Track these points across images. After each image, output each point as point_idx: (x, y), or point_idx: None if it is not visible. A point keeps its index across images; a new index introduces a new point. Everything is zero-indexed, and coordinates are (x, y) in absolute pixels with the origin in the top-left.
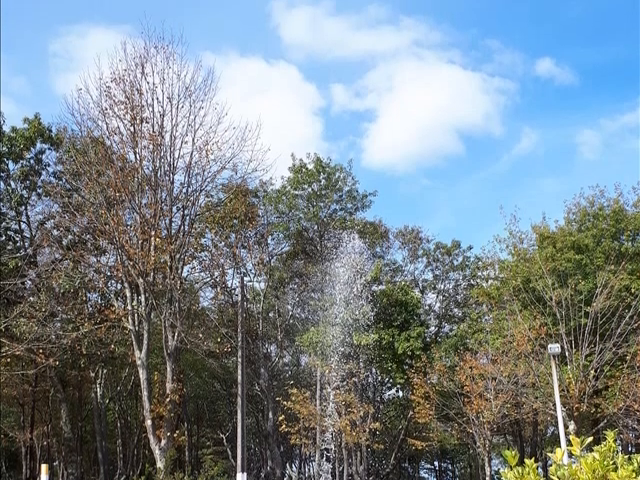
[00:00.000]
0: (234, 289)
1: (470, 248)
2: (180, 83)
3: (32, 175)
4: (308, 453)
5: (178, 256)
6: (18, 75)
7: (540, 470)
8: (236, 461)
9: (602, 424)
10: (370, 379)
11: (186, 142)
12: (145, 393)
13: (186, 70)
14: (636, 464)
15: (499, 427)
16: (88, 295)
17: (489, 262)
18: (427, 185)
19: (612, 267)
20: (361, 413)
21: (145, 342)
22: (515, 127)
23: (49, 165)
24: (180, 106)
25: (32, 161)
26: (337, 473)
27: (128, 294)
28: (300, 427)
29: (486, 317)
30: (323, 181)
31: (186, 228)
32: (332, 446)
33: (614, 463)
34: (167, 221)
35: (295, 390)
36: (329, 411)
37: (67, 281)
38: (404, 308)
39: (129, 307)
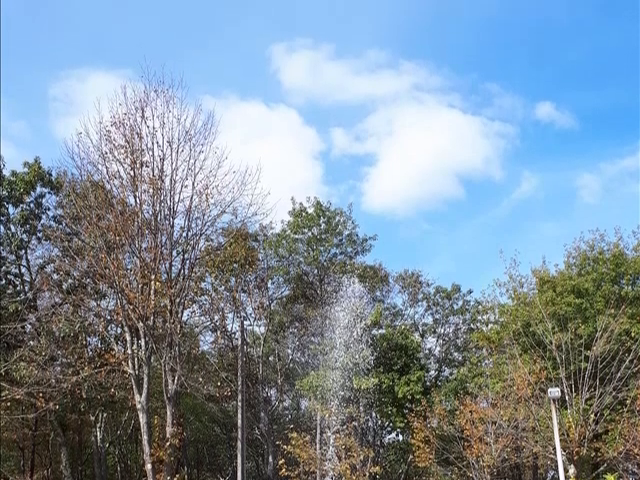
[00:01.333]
0: (234, 333)
1: (470, 292)
2: (180, 127)
3: (32, 219)
4: None
5: (178, 300)
6: (18, 119)
7: None
8: None
9: (602, 468)
10: (370, 423)
11: (186, 186)
12: (145, 437)
13: (186, 114)
14: None
15: (499, 471)
16: (88, 339)
17: (489, 306)
18: (427, 229)
19: (612, 311)
20: (361, 457)
21: (145, 386)
22: (515, 171)
23: (49, 209)
24: (180, 150)
25: (32, 205)
26: None
27: (128, 338)
28: (300, 471)
29: (486, 361)
30: (323, 225)
31: (186, 272)
32: None
33: None
34: (167, 265)
35: (295, 434)
36: (329, 455)
37: (67, 325)
38: (404, 352)
39: (129, 351)
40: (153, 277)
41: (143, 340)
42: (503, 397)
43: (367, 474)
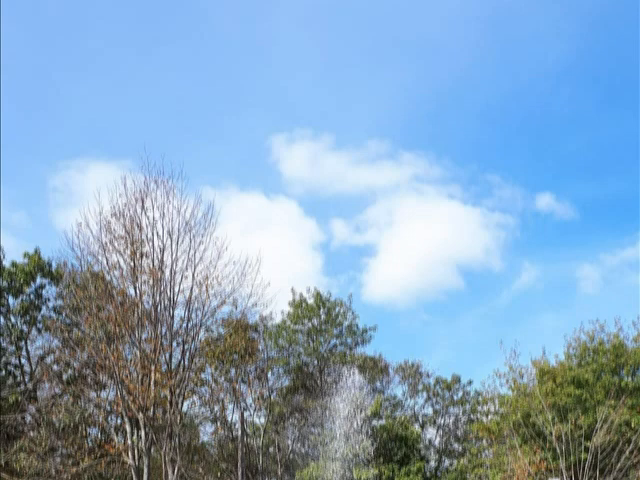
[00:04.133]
0: (234, 424)
1: (470, 383)
2: (180, 218)
3: (32, 310)
4: None
5: (178, 391)
6: (18, 209)
7: None
8: None
9: None
10: None
11: (186, 277)
12: None
13: (186, 204)
14: None
15: None
16: (88, 430)
17: (489, 397)
18: (427, 319)
19: (612, 402)
20: None
21: (145, 477)
22: (515, 262)
23: (49, 300)
24: (180, 241)
25: (32, 296)
26: None
27: (128, 429)
28: None
29: (486, 452)
30: (323, 316)
31: (186, 363)
32: None
33: None
34: (167, 356)
35: None
36: None
37: (67, 416)
38: (404, 443)
39: (129, 442)
40: (153, 368)
41: (143, 431)
42: None
43: None
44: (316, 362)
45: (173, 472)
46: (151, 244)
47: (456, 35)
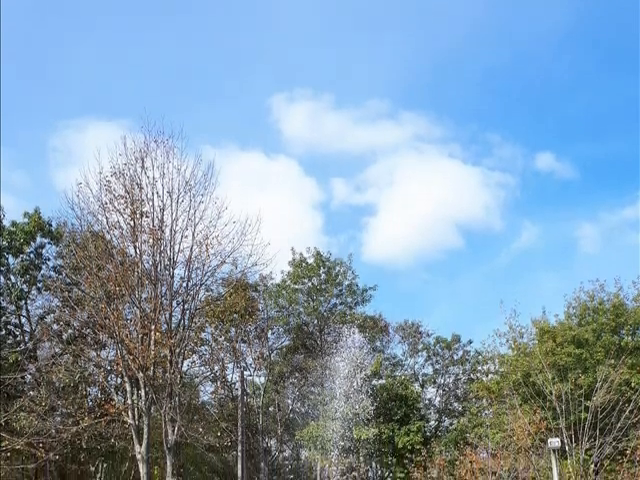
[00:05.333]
0: (234, 383)
1: (470, 342)
2: (180, 177)
3: (32, 269)
4: None
5: (178, 350)
6: (17, 169)
7: None
8: None
9: None
10: (370, 473)
11: (186, 236)
12: None
13: (186, 164)
14: None
15: None
16: (88, 389)
17: (489, 356)
18: (427, 279)
19: (612, 361)
20: None
21: (145, 436)
22: (515, 221)
23: (49, 259)
24: (180, 200)
25: (32, 255)
26: None
27: (128, 388)
28: None
29: (486, 411)
30: (323, 275)
31: (186, 322)
32: None
33: None
34: (167, 315)
35: None
36: None
37: (67, 375)
38: (404, 402)
39: (129, 401)
40: (153, 327)
41: (143, 390)
42: (503, 447)
43: None
44: (316, 321)
45: (173, 431)
46: (151, 203)
47: None
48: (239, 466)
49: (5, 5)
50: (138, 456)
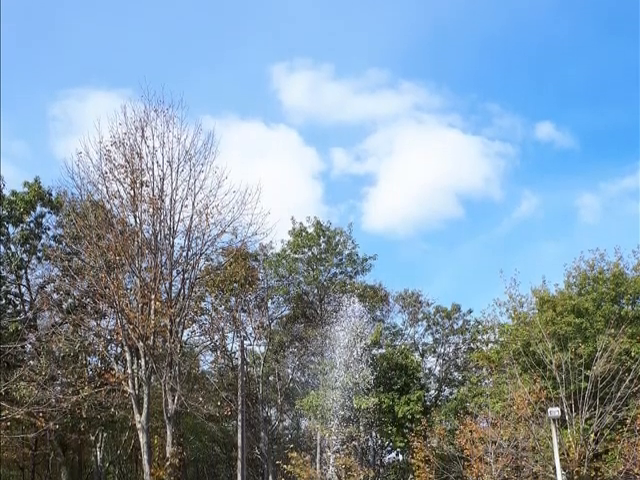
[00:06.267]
0: (234, 352)
1: (470, 312)
2: (180, 147)
3: (32, 239)
4: None
5: (178, 320)
6: (18, 139)
7: None
8: None
9: None
10: (370, 443)
11: (186, 206)
12: (145, 457)
13: (186, 134)
14: None
15: None
16: (88, 358)
17: (489, 326)
18: (427, 248)
19: (612, 331)
20: (361, 477)
21: (145, 405)
22: (515, 191)
23: (49, 229)
24: (180, 170)
25: (32, 225)
26: None
27: (128, 358)
28: None
29: (486, 381)
30: (323, 245)
31: (186, 291)
32: None
33: None
34: (167, 285)
35: (295, 454)
36: (329, 475)
37: (67, 345)
38: (404, 372)
39: (129, 370)
40: (153, 297)
41: (143, 360)
42: (503, 417)
43: None
44: (316, 291)
45: (173, 401)
46: (151, 173)
47: None
48: (239, 435)
49: None
50: (138, 425)
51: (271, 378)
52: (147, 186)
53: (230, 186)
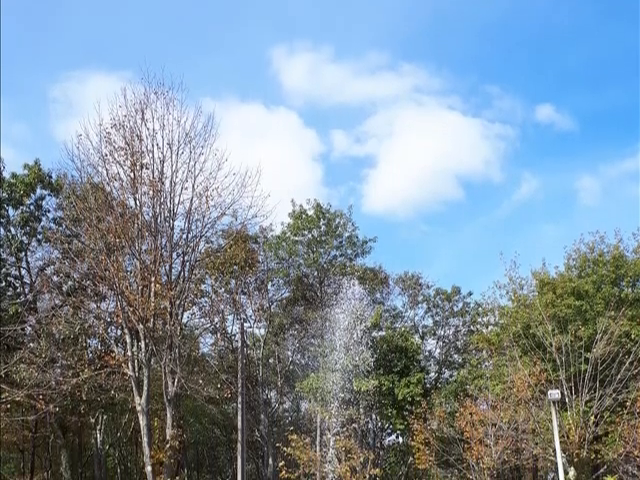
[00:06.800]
0: (234, 335)
1: (470, 294)
2: (180, 129)
3: (32, 221)
4: None
5: (178, 302)
6: (18, 121)
7: None
8: None
9: (602, 470)
10: (370, 425)
11: (186, 188)
12: (145, 439)
13: (186, 116)
14: None
15: (499, 473)
16: (88, 341)
17: (489, 308)
18: (427, 231)
19: (612, 313)
20: (361, 459)
21: (145, 388)
22: (515, 173)
23: (49, 211)
24: (180, 152)
25: (32, 207)
26: None
27: (128, 340)
28: (300, 473)
29: (486, 363)
30: (323, 227)
31: (186, 274)
32: None
33: None
34: (167, 267)
35: (295, 436)
36: (329, 457)
37: (67, 327)
38: (404, 354)
39: (129, 353)
40: (153, 279)
41: (143, 342)
42: (503, 399)
43: (367, 476)
44: (316, 273)
45: (173, 383)
46: (151, 155)
47: None
48: (239, 418)
49: None
50: (138, 408)
51: (271, 360)
52: (147, 168)
53: (230, 168)
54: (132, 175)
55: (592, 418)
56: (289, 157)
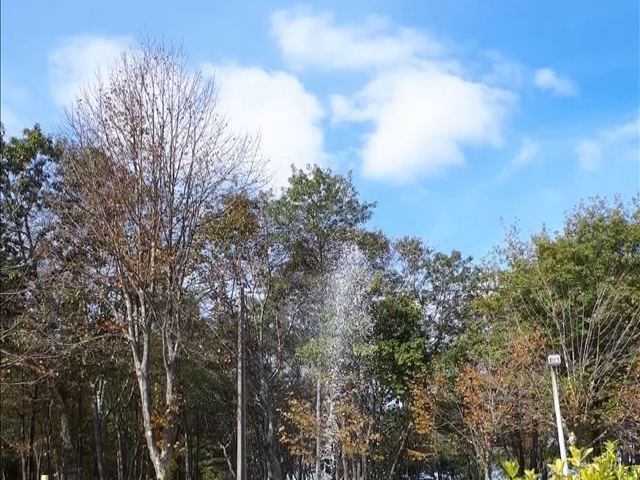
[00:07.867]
0: (234, 300)
1: (470, 259)
2: (180, 94)
3: (32, 186)
4: (308, 464)
5: (178, 267)
6: (18, 86)
7: None
8: (236, 472)
9: (602, 435)
10: (370, 390)
11: (186, 153)
12: (145, 404)
13: (186, 81)
14: (636, 475)
15: (499, 438)
16: (88, 306)
17: (489, 273)
18: (427, 195)
19: (612, 278)
20: (361, 424)
21: (145, 353)
22: (515, 138)
23: (49, 176)
24: (180, 117)
25: (32, 172)
26: None
27: (128, 305)
28: (300, 438)
29: (486, 328)
30: (323, 192)
31: (186, 239)
32: (332, 457)
33: (614, 474)
34: (167, 232)
35: (295, 401)
36: (329, 422)
37: (67, 292)
38: (404, 319)
39: (129, 318)
40: (153, 244)
41: (143, 307)
42: (503, 364)
43: (367, 441)
44: (316, 238)
45: (173, 348)
46: (151, 120)
47: None
48: (239, 383)
49: None
50: (138, 373)
51: (271, 325)
52: (147, 133)
53: (230, 133)
54: (132, 140)
55: (592, 383)
56: (289, 122)
